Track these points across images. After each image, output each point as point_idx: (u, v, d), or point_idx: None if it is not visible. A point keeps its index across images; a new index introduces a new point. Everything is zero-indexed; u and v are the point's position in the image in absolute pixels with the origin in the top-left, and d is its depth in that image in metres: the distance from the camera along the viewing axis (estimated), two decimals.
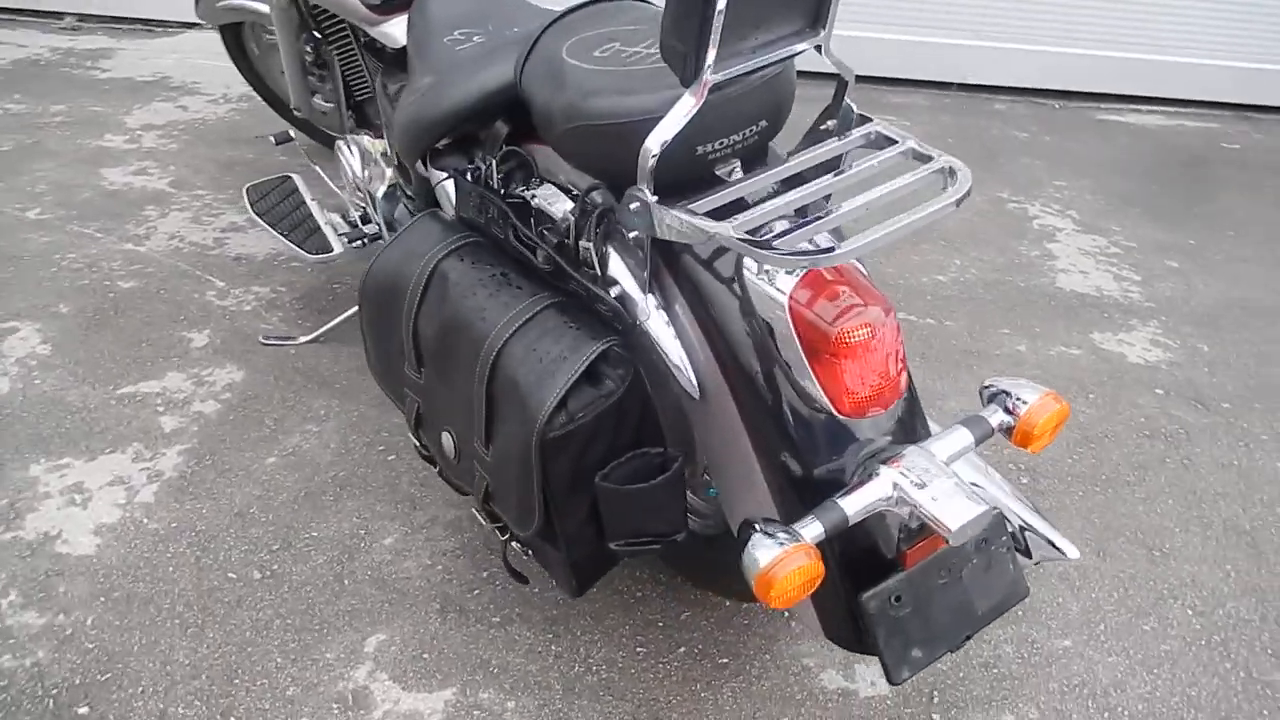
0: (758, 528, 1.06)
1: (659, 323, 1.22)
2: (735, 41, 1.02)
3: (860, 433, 1.16)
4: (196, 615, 1.55)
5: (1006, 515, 1.22)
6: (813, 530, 1.06)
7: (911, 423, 1.20)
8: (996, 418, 1.18)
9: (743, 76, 1.08)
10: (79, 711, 1.40)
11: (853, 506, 1.08)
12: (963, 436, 1.16)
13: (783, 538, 1.04)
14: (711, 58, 0.99)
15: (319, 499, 1.77)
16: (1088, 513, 1.86)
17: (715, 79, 1.02)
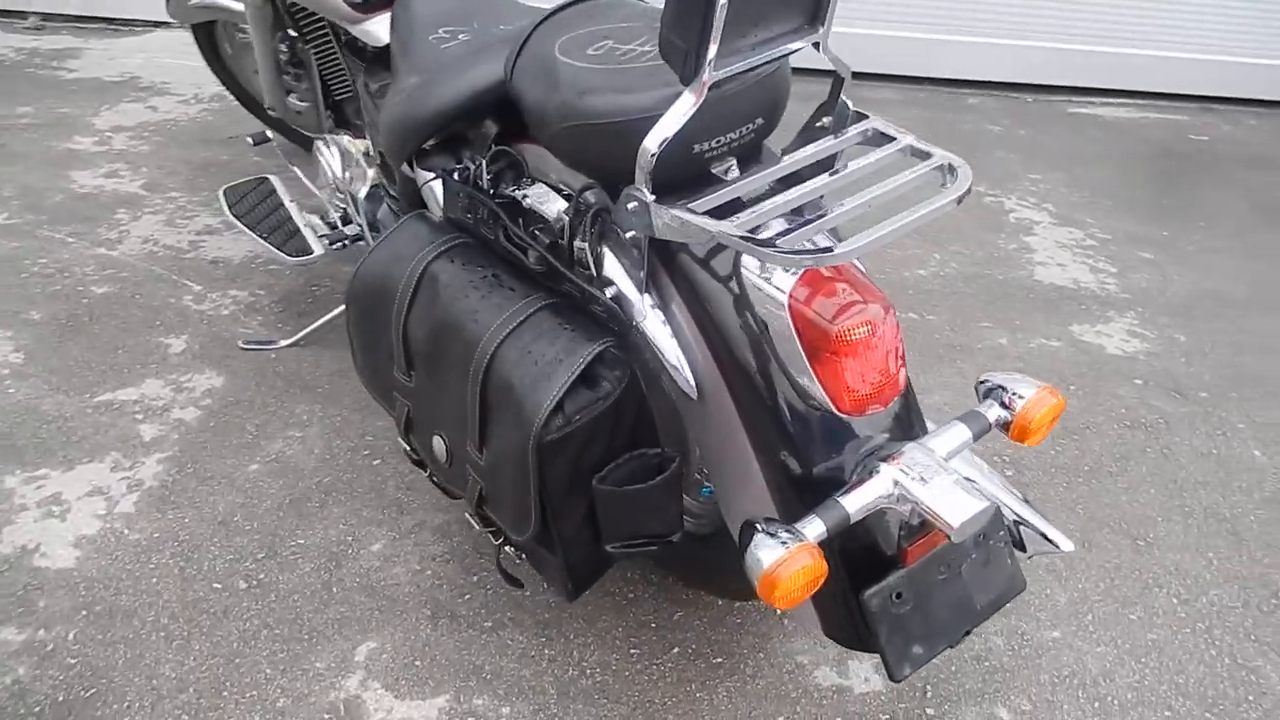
0: (759, 528, 1.06)
1: (655, 323, 1.21)
2: (735, 39, 1.01)
3: (859, 430, 1.16)
4: (182, 627, 1.52)
5: (1002, 509, 1.23)
6: (815, 529, 1.05)
7: (909, 419, 1.20)
8: (993, 412, 1.18)
9: (740, 74, 1.08)
10: None
11: (854, 504, 1.07)
12: (961, 432, 1.16)
13: (785, 537, 1.04)
14: (712, 55, 0.98)
15: (304, 506, 1.75)
16: (1072, 504, 1.87)
17: (716, 77, 1.01)
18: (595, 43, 1.26)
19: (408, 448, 1.47)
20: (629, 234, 1.15)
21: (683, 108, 1.04)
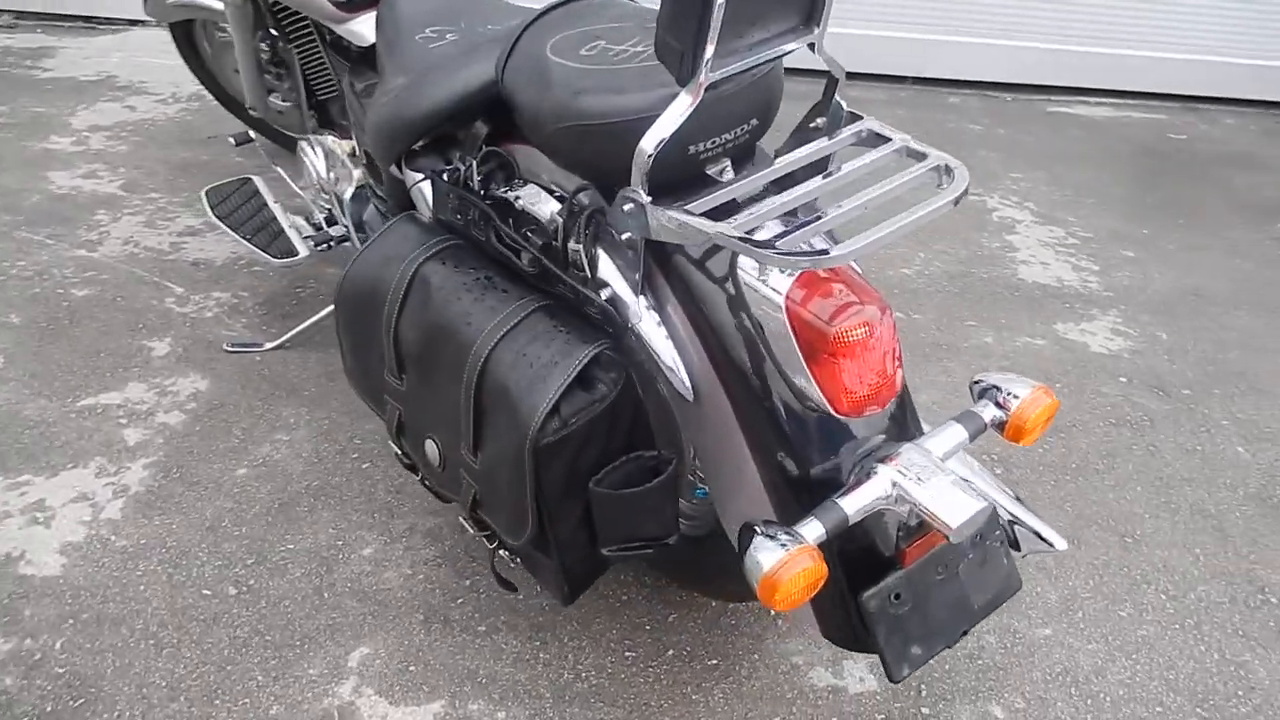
0: (759, 530, 1.06)
1: (651, 325, 1.20)
2: (732, 40, 1.01)
3: (856, 431, 1.16)
4: (171, 635, 1.50)
5: (997, 509, 1.23)
6: (814, 531, 1.05)
7: (905, 420, 1.20)
8: (988, 412, 1.19)
9: (735, 75, 1.07)
10: None
11: (852, 506, 1.07)
12: (957, 433, 1.16)
13: (785, 539, 1.03)
14: (710, 56, 0.98)
15: (293, 510, 1.73)
16: (1060, 501, 1.88)
17: (713, 78, 1.01)
18: (587, 43, 1.26)
19: (399, 451, 1.46)
20: (624, 235, 1.15)
21: (679, 109, 1.03)
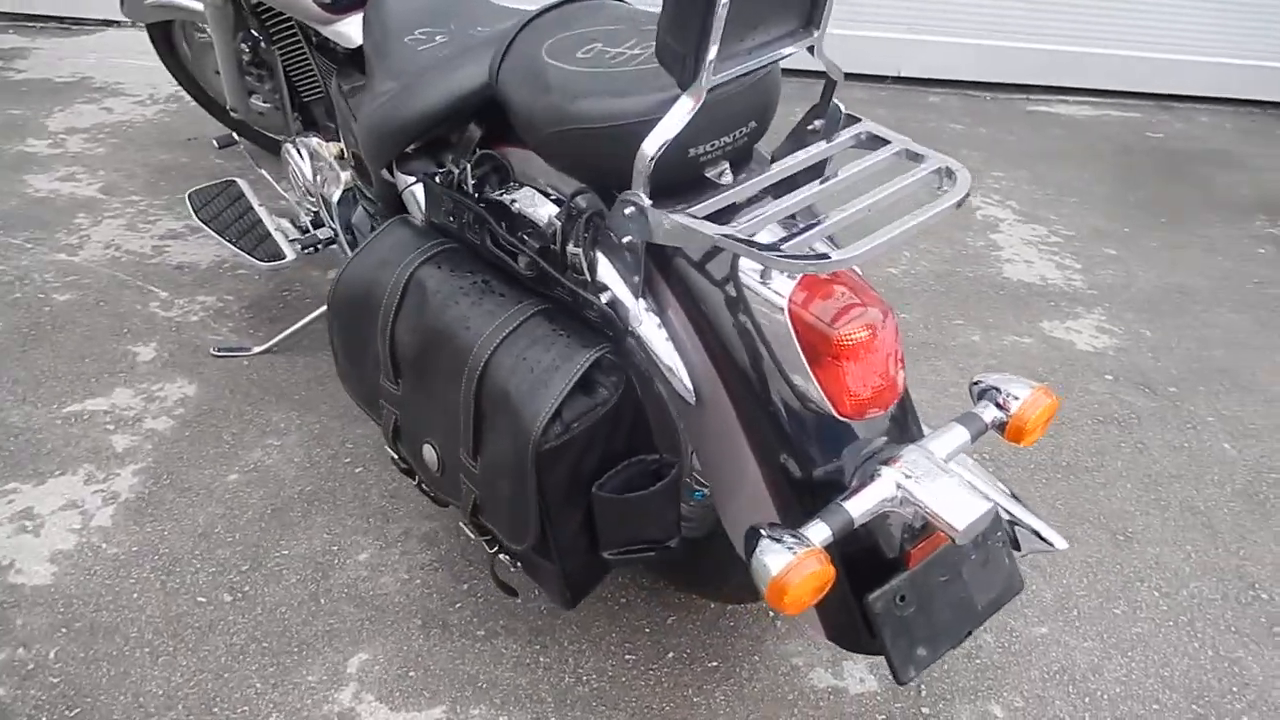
0: (765, 533, 1.05)
1: (651, 327, 1.20)
2: (733, 42, 1.01)
3: (859, 434, 1.16)
4: (167, 643, 1.48)
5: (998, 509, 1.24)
6: (820, 534, 1.05)
7: (906, 422, 1.20)
8: (989, 414, 1.19)
9: (735, 77, 1.07)
10: None
11: (858, 509, 1.07)
12: (959, 434, 1.16)
13: (791, 543, 1.03)
14: (712, 58, 0.98)
15: (286, 515, 1.71)
16: (1052, 499, 1.90)
17: (714, 81, 1.01)
18: (584, 46, 1.25)
19: (395, 456, 1.45)
20: (625, 239, 1.14)
21: (681, 112, 1.03)
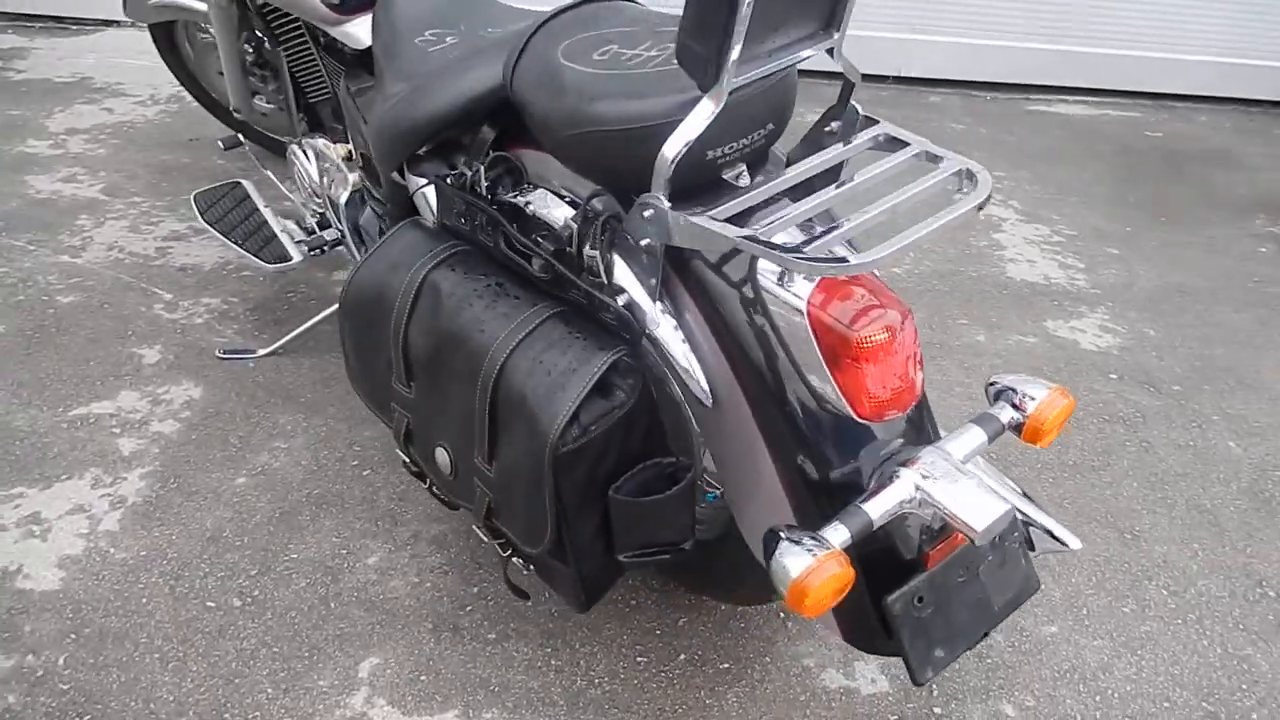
0: (784, 535, 1.05)
1: (668, 330, 1.20)
2: (754, 45, 1.01)
3: (877, 435, 1.16)
4: (176, 648, 1.48)
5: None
6: (839, 536, 1.05)
7: (923, 423, 1.21)
8: (1006, 415, 1.19)
9: (755, 80, 1.07)
10: None
11: (877, 510, 1.07)
12: (976, 435, 1.16)
13: (811, 545, 1.03)
14: (735, 59, 0.97)
15: (295, 519, 1.71)
16: (1059, 499, 1.90)
17: (736, 83, 1.01)
18: (599, 48, 1.25)
19: (406, 459, 1.44)
20: (644, 241, 1.14)
21: (702, 114, 1.03)
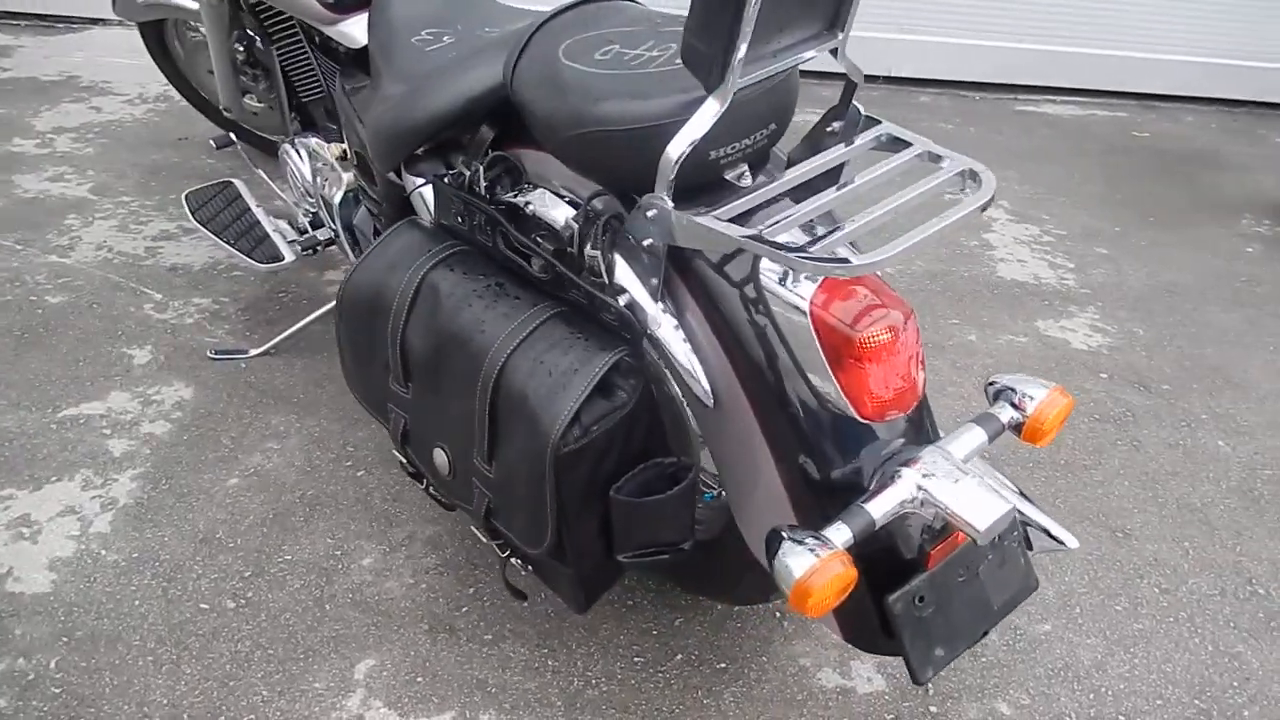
0: (787, 535, 1.05)
1: (670, 330, 1.20)
2: (759, 45, 1.00)
3: (878, 435, 1.16)
4: (170, 651, 1.46)
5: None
6: (842, 536, 1.05)
7: (923, 423, 1.21)
8: (1005, 414, 1.20)
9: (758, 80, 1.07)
10: None
11: (879, 510, 1.07)
12: (977, 435, 1.17)
13: (814, 545, 1.03)
14: (740, 60, 0.97)
15: (288, 520, 1.70)
16: (1052, 498, 1.91)
17: (740, 84, 1.01)
18: (601, 47, 1.24)
19: (403, 460, 1.44)
20: (646, 241, 1.14)
21: (707, 114, 1.03)
